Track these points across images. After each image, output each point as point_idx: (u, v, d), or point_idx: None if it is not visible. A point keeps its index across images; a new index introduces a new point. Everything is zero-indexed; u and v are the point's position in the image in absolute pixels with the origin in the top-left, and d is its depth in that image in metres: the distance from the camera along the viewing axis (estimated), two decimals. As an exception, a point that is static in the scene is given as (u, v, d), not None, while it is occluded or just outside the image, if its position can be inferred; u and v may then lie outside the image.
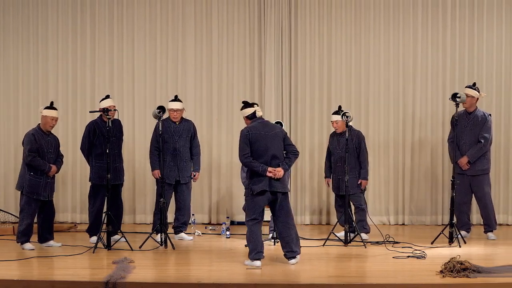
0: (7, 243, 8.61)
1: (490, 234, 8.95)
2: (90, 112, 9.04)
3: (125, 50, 10.44)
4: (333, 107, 10.03)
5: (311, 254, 7.90)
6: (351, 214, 8.81)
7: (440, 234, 8.50)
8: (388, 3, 10.28)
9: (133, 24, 10.44)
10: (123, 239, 8.34)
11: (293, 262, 7.29)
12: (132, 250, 8.09)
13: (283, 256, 7.36)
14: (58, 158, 8.46)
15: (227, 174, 10.37)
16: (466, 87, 8.99)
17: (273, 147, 7.30)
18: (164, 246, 8.33)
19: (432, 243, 8.43)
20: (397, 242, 8.48)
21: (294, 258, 7.30)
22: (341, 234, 8.61)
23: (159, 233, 8.47)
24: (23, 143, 8.25)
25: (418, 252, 7.87)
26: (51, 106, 8.38)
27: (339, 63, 10.32)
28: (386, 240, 8.48)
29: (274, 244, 8.37)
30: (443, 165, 10.20)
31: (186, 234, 9.06)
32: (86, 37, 10.45)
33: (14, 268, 7.23)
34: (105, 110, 8.50)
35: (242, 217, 7.72)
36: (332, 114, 9.00)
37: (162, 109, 8.45)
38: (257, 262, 7.17)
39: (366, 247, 8.28)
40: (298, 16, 10.32)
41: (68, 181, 10.45)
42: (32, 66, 10.51)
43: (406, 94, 10.29)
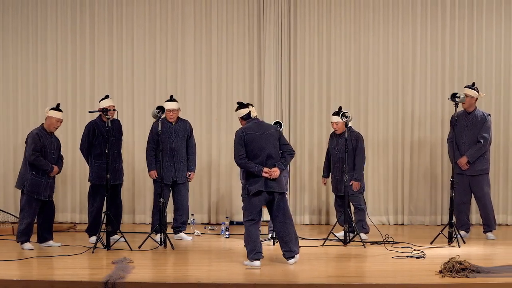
0: (7, 243, 8.61)
1: (489, 234, 8.95)
2: (90, 112, 9.05)
3: (124, 50, 10.44)
4: (332, 106, 10.03)
5: (311, 254, 7.90)
6: (351, 214, 8.81)
7: (439, 234, 8.50)
8: (387, 2, 10.27)
9: (132, 23, 10.44)
10: (123, 239, 8.35)
11: (291, 262, 7.29)
12: (131, 250, 8.09)
13: (282, 256, 7.36)
14: (59, 159, 8.47)
15: (227, 174, 10.36)
16: (465, 87, 8.99)
17: (268, 147, 7.28)
18: (163, 246, 8.33)
19: (431, 243, 8.43)
20: (396, 242, 8.48)
21: (292, 258, 7.30)
22: (340, 234, 8.61)
23: (158, 233, 8.47)
24: (27, 142, 8.25)
25: (418, 252, 7.87)
26: (57, 107, 8.38)
27: (339, 62, 10.31)
28: (385, 240, 8.48)
29: (274, 244, 8.37)
30: (442, 165, 10.20)
31: (185, 234, 9.06)
32: (85, 37, 10.45)
33: (14, 268, 7.23)
34: (104, 110, 8.49)
35: (241, 217, 7.70)
36: (332, 115, 8.97)
37: (161, 109, 8.45)
38: (256, 262, 7.16)
39: (365, 247, 8.28)
40: (297, 14, 10.31)
41: (67, 181, 10.45)
42: (31, 66, 10.51)
43: (405, 93, 10.28)
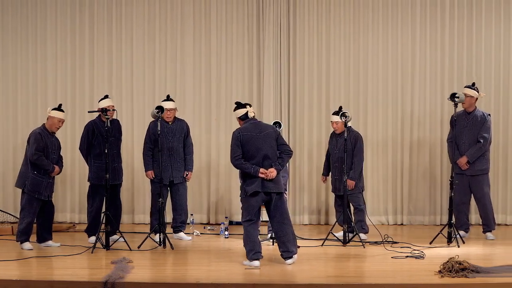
0: (6, 243, 8.61)
1: (488, 234, 8.94)
2: (89, 112, 9.05)
3: (124, 50, 10.44)
4: (331, 106, 10.03)
5: (310, 254, 7.90)
6: (350, 214, 8.81)
7: (438, 234, 8.51)
8: (386, 2, 10.27)
9: (131, 23, 10.43)
10: (122, 239, 8.36)
11: (289, 262, 7.27)
12: (130, 250, 8.09)
13: (280, 256, 7.36)
14: (59, 160, 8.48)
15: (226, 174, 10.36)
16: (465, 87, 8.98)
17: (265, 148, 7.27)
18: (162, 246, 8.33)
19: (430, 243, 8.44)
20: (395, 242, 8.48)
21: (290, 258, 7.29)
22: (339, 234, 8.61)
23: (158, 233, 8.47)
24: (29, 142, 8.25)
25: (417, 252, 7.87)
26: (59, 108, 8.39)
27: (338, 62, 10.31)
28: (384, 240, 8.48)
29: (273, 244, 8.36)
30: (442, 164, 10.20)
31: (185, 234, 9.06)
32: (85, 37, 10.45)
33: (13, 268, 7.23)
34: (103, 110, 8.49)
35: (240, 217, 7.70)
36: (332, 114, 8.97)
37: (160, 109, 8.45)
38: (255, 262, 7.16)
39: (364, 247, 8.28)
40: (296, 14, 10.31)
41: (67, 181, 10.44)
42: (30, 66, 10.50)
43: (405, 93, 10.28)
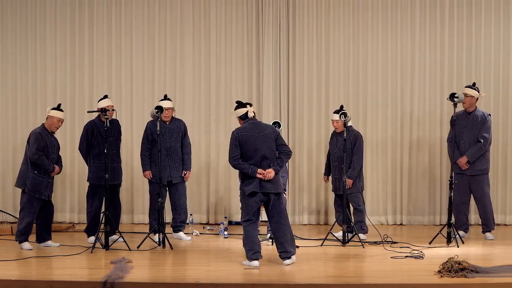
0: (5, 243, 8.61)
1: (488, 234, 8.95)
2: (88, 112, 9.05)
3: (123, 50, 10.44)
4: (331, 106, 10.04)
5: (309, 254, 7.90)
6: (350, 214, 8.81)
7: (438, 234, 8.51)
8: (386, 3, 10.27)
9: (131, 24, 10.43)
10: (121, 239, 8.36)
11: (287, 262, 7.26)
12: (130, 250, 8.09)
13: (278, 256, 7.36)
14: (59, 160, 8.48)
15: (225, 174, 10.35)
16: (466, 87, 8.98)
17: (263, 148, 7.25)
18: (162, 246, 8.33)
19: (430, 243, 8.44)
20: (395, 242, 8.47)
21: (288, 258, 7.27)
22: (339, 234, 8.61)
23: (157, 233, 8.47)
24: (29, 141, 8.25)
25: (416, 252, 7.87)
26: (58, 107, 8.39)
27: (337, 63, 10.31)
28: (384, 240, 8.48)
29: (272, 244, 8.34)
30: (441, 164, 10.20)
31: (184, 234, 9.06)
32: (84, 37, 10.44)
33: (13, 268, 7.23)
34: (103, 110, 8.49)
35: (239, 217, 7.70)
36: (333, 112, 8.96)
37: (160, 109, 8.45)
38: (255, 262, 7.16)
39: (364, 247, 8.28)
40: (296, 15, 10.31)
41: (66, 181, 10.44)
42: (30, 66, 10.50)
43: (404, 93, 10.28)
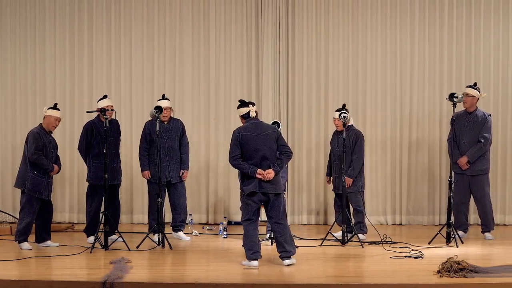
0: (5, 243, 8.61)
1: (487, 234, 8.94)
2: (88, 112, 9.06)
3: (122, 50, 10.43)
4: (330, 106, 10.04)
5: (309, 254, 7.90)
6: (349, 215, 8.80)
7: (437, 234, 8.51)
8: (385, 2, 10.26)
9: (130, 24, 10.42)
10: (121, 239, 8.37)
11: (287, 262, 7.26)
12: (129, 250, 8.09)
13: (278, 256, 7.36)
14: (57, 159, 8.48)
15: (225, 174, 10.35)
16: (467, 87, 8.96)
17: (263, 149, 7.25)
18: (161, 246, 8.32)
19: (429, 243, 8.44)
20: (394, 242, 8.47)
21: (288, 258, 7.27)
22: (338, 234, 8.60)
23: (156, 233, 8.47)
24: (27, 141, 8.25)
25: (416, 252, 7.87)
26: (55, 107, 8.40)
27: (337, 62, 10.31)
28: (383, 240, 8.48)
29: (272, 244, 8.35)
30: (441, 164, 10.19)
31: (184, 234, 9.05)
32: (84, 37, 10.44)
33: (12, 268, 7.23)
34: (102, 110, 8.49)
35: (239, 217, 7.72)
36: (335, 111, 8.92)
37: (159, 109, 8.44)
38: (254, 262, 7.16)
39: (363, 247, 8.28)
40: (295, 15, 10.30)
41: (65, 181, 10.44)
42: (29, 66, 10.49)
43: (404, 92, 10.28)
